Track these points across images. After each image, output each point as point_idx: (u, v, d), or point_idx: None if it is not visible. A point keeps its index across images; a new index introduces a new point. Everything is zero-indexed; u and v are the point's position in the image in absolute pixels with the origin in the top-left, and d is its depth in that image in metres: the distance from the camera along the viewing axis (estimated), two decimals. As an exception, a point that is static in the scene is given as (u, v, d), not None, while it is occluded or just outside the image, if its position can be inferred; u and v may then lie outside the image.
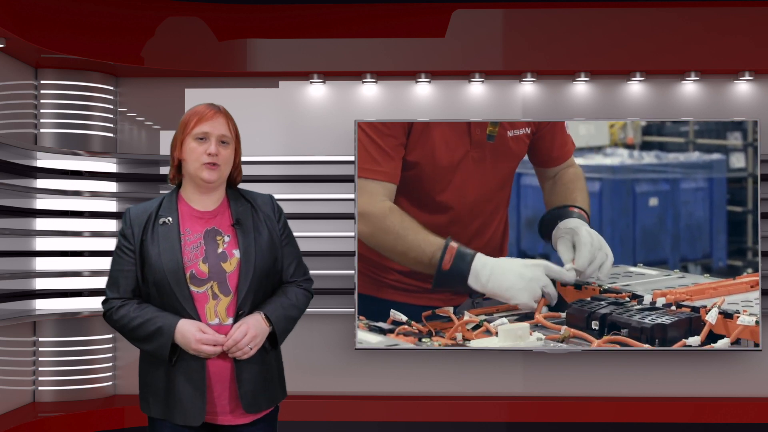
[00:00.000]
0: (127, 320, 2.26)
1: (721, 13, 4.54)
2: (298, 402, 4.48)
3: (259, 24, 4.62)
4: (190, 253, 2.27)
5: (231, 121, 2.33)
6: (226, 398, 2.28)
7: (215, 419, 2.30)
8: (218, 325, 2.26)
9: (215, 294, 2.26)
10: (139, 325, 2.24)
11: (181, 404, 2.24)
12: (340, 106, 4.74)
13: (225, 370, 2.27)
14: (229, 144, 2.31)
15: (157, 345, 2.22)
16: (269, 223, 2.36)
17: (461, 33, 4.59)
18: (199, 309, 2.25)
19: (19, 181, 4.33)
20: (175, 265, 2.24)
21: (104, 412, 4.45)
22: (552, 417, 4.53)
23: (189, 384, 2.24)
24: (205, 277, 2.26)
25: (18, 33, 3.97)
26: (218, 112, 2.31)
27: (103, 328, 4.67)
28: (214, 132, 2.28)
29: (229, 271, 2.27)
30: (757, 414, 4.51)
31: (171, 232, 2.27)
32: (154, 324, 2.22)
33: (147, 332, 2.23)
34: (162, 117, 4.78)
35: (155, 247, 2.26)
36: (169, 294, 2.24)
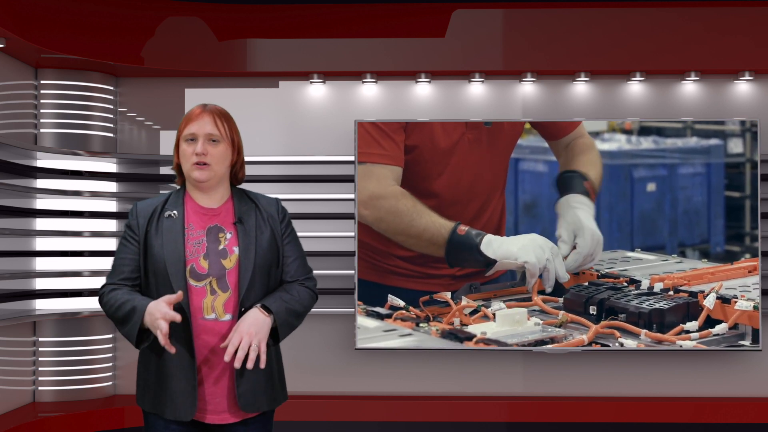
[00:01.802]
0: (112, 302, 2.28)
1: (721, 13, 4.54)
2: (298, 402, 4.48)
3: (259, 24, 4.62)
4: (192, 248, 2.29)
5: (221, 119, 2.33)
6: (222, 396, 2.28)
7: (205, 417, 2.29)
8: (215, 320, 2.27)
9: (213, 289, 2.28)
10: (119, 306, 2.25)
11: (172, 399, 2.26)
12: (340, 106, 4.74)
13: (223, 369, 2.27)
14: (219, 142, 2.31)
15: (130, 325, 2.23)
16: (272, 223, 2.37)
17: (461, 33, 4.59)
18: (197, 303, 2.26)
19: (19, 181, 4.34)
20: (176, 257, 2.26)
21: (104, 412, 4.45)
22: (552, 417, 4.54)
23: (181, 380, 2.25)
24: (204, 272, 2.28)
25: (18, 33, 3.97)
26: (205, 111, 2.32)
27: (103, 328, 4.67)
28: (200, 131, 2.29)
29: (228, 267, 2.29)
30: (757, 414, 4.51)
31: (175, 225, 2.30)
32: (131, 304, 2.23)
33: (123, 313, 2.24)
34: (162, 117, 4.78)
35: (159, 238, 2.29)
36: (167, 285, 2.25)
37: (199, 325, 2.26)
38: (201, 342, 2.26)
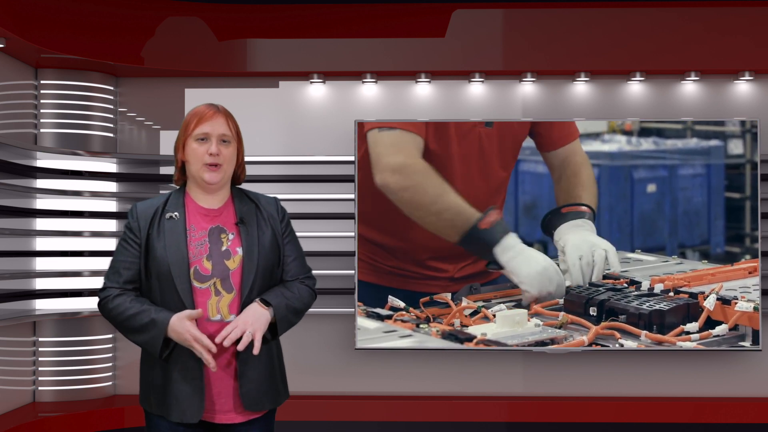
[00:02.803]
0: (122, 309, 2.26)
1: (721, 13, 4.54)
2: (298, 402, 4.48)
3: (259, 24, 4.62)
4: (194, 249, 2.28)
5: (231, 120, 2.34)
6: (227, 396, 2.29)
7: (214, 417, 2.30)
8: (220, 321, 2.27)
9: (218, 290, 2.28)
10: (133, 315, 2.24)
11: (178, 402, 2.25)
12: (340, 106, 4.74)
13: (227, 368, 2.28)
14: (231, 143, 2.32)
15: (149, 337, 2.22)
16: (272, 222, 2.37)
17: (461, 33, 4.59)
18: (202, 304, 2.26)
19: (19, 181, 4.34)
20: (180, 259, 2.25)
21: (104, 412, 4.45)
22: (552, 417, 4.54)
23: (187, 382, 2.25)
24: (208, 273, 2.27)
25: (18, 33, 3.97)
26: (218, 111, 2.33)
27: (103, 328, 4.67)
28: (214, 132, 2.29)
29: (232, 268, 2.29)
30: (757, 414, 4.51)
31: (177, 227, 2.29)
32: (148, 315, 2.22)
33: (141, 323, 2.22)
34: (162, 117, 4.78)
35: (161, 240, 2.27)
36: (171, 287, 2.25)
37: (205, 326, 2.26)
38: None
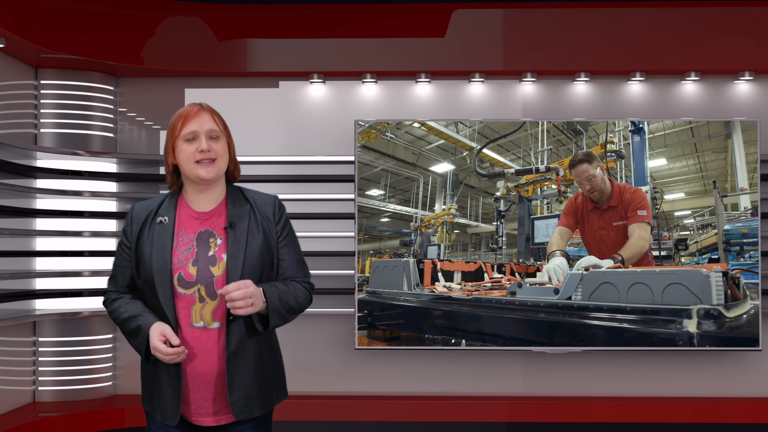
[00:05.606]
0: (117, 313, 2.33)
1: (721, 13, 4.54)
2: (298, 402, 4.48)
3: (259, 24, 4.62)
4: (181, 255, 2.26)
5: (217, 116, 2.33)
6: (209, 401, 2.27)
7: (198, 420, 2.29)
8: (203, 328, 2.25)
9: (202, 297, 2.25)
10: (125, 320, 2.30)
11: (160, 403, 2.28)
12: (340, 106, 4.74)
13: (209, 375, 2.26)
14: (220, 138, 2.31)
15: (137, 342, 2.28)
16: (266, 225, 2.33)
17: (461, 33, 4.59)
18: (185, 311, 2.25)
19: (19, 181, 4.34)
20: (162, 266, 2.25)
21: (104, 412, 4.45)
22: (552, 417, 4.54)
23: (168, 386, 2.26)
24: (192, 279, 2.25)
25: (18, 33, 3.97)
26: (202, 108, 2.31)
27: (103, 328, 4.67)
28: (201, 129, 2.28)
29: (216, 275, 2.25)
30: (757, 414, 4.51)
31: (165, 232, 2.29)
32: (136, 322, 2.26)
33: (130, 328, 2.28)
34: (162, 117, 4.78)
35: (149, 246, 2.28)
36: (154, 294, 2.26)
37: (188, 333, 2.25)
38: (189, 350, 2.24)
